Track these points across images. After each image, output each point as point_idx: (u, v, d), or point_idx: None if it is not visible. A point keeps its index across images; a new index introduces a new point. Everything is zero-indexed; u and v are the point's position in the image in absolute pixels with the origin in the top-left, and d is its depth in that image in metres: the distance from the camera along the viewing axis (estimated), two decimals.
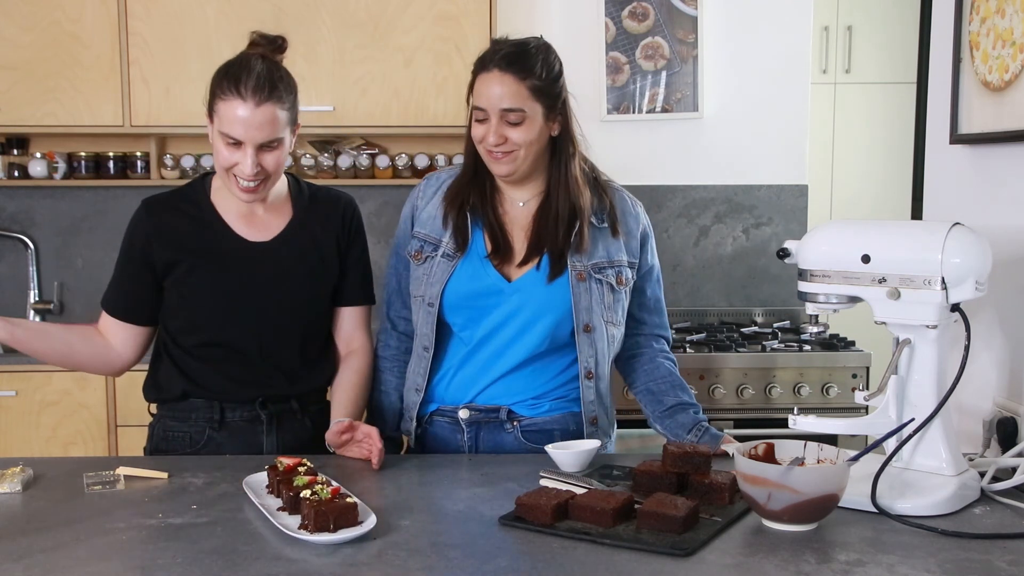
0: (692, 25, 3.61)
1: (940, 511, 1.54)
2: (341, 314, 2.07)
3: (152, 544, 1.44)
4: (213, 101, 1.86)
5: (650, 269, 2.04)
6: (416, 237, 2.00)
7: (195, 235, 1.96)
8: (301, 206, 2.03)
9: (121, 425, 3.15)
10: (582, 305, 1.91)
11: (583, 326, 1.92)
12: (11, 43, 3.32)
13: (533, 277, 1.92)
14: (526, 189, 1.97)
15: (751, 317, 3.73)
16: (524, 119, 1.85)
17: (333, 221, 2.03)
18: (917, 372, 1.63)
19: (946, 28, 2.04)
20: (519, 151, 1.87)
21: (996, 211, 1.91)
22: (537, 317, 1.91)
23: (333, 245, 2.03)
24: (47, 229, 3.73)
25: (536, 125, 1.87)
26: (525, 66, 1.86)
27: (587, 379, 1.94)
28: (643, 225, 2.03)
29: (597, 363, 1.94)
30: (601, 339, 1.94)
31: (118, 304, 2.00)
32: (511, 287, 1.93)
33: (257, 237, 1.98)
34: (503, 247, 1.94)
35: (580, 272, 1.91)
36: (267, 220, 2.00)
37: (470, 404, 1.97)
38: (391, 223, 3.71)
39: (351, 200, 2.09)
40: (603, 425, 1.98)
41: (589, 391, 1.95)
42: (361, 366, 2.04)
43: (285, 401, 2.00)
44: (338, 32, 3.38)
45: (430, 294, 1.95)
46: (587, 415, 1.95)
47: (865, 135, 4.40)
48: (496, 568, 1.34)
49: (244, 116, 1.82)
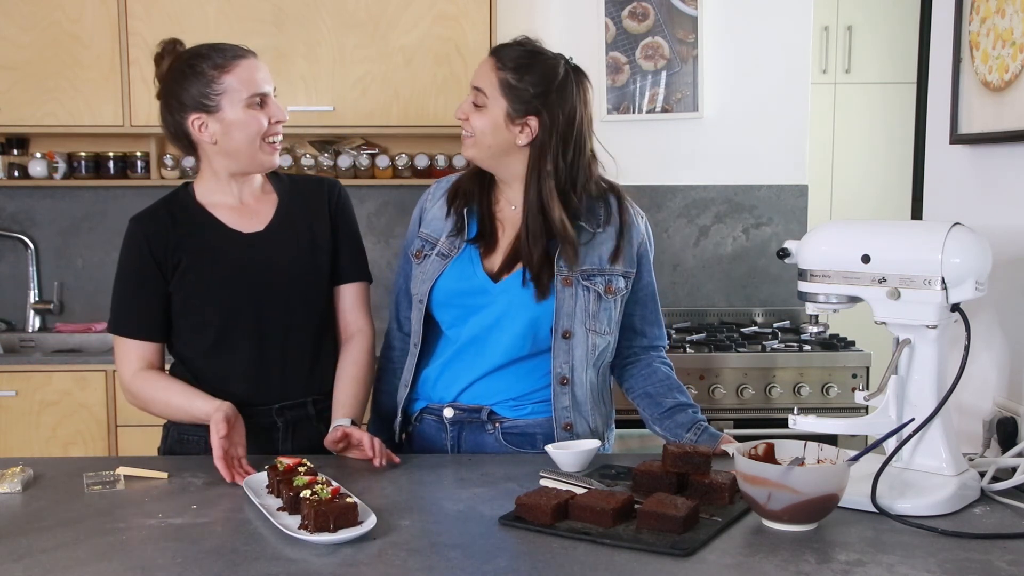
0: (692, 25, 3.61)
1: (940, 511, 1.54)
2: (339, 293, 2.08)
3: (152, 544, 1.44)
4: (212, 85, 1.89)
5: (647, 283, 2.04)
6: (420, 237, 2.03)
7: (191, 235, 1.97)
8: (285, 192, 2.06)
9: (121, 425, 3.15)
10: (564, 310, 1.91)
11: (562, 331, 1.91)
12: (11, 43, 3.32)
13: (517, 279, 1.93)
14: (516, 192, 1.98)
15: (751, 317, 3.73)
16: (485, 104, 1.90)
17: (319, 201, 2.06)
18: (917, 372, 1.63)
19: (946, 28, 2.04)
20: (475, 138, 1.92)
21: (996, 211, 1.91)
22: (518, 319, 1.92)
23: (323, 224, 2.05)
24: (47, 229, 3.73)
25: (494, 118, 1.90)
26: (508, 61, 1.91)
27: (561, 384, 1.93)
28: (643, 236, 2.02)
29: (573, 369, 1.92)
30: (580, 346, 1.92)
31: (131, 323, 1.97)
32: (497, 288, 1.94)
33: (251, 228, 2.00)
34: (488, 236, 1.97)
35: (567, 277, 1.91)
36: (256, 210, 2.02)
37: (454, 403, 1.98)
38: (391, 223, 3.72)
39: (335, 181, 2.13)
40: (581, 432, 1.95)
41: (563, 397, 1.93)
42: (359, 355, 2.04)
43: (302, 407, 2.01)
44: (338, 32, 3.38)
45: (421, 291, 1.98)
46: (559, 420, 1.94)
47: (865, 135, 4.40)
48: (496, 568, 1.34)
49: (257, 68, 1.93)
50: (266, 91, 1.93)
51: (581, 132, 1.92)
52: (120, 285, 2.00)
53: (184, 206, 2.00)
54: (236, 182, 1.99)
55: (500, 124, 1.90)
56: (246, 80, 1.91)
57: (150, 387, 1.95)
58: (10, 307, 3.71)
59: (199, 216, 1.99)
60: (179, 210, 2.00)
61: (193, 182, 2.04)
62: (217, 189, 2.00)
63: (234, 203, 2.00)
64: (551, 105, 1.89)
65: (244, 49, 1.95)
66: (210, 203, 2.00)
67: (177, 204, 2.01)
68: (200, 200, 2.00)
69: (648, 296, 2.04)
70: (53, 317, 3.73)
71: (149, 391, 1.94)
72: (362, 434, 1.84)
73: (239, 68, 1.91)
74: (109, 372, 3.13)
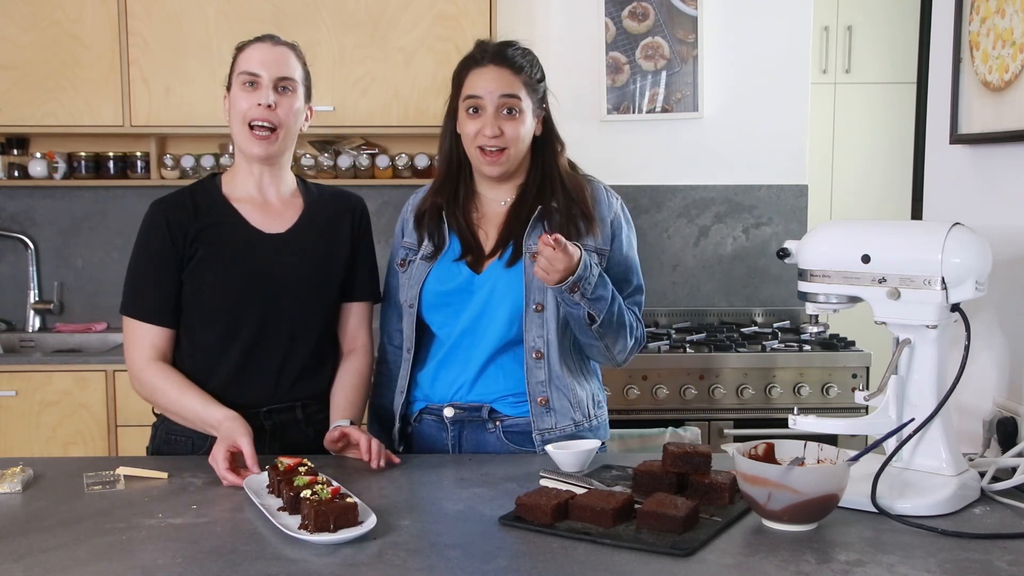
0: (692, 25, 3.61)
1: (940, 511, 1.54)
2: (347, 310, 2.08)
3: (152, 544, 1.44)
4: (232, 64, 1.96)
5: (620, 260, 1.99)
6: (403, 246, 2.05)
7: (211, 228, 1.96)
8: (312, 200, 2.06)
9: (121, 425, 3.15)
10: (534, 284, 1.91)
11: (534, 305, 1.91)
12: (11, 43, 3.32)
13: (496, 266, 1.95)
14: (506, 189, 2.00)
15: (751, 317, 3.73)
16: (520, 110, 1.92)
17: (345, 215, 2.07)
18: (917, 372, 1.63)
19: (946, 28, 2.04)
20: (510, 150, 1.92)
21: (996, 211, 1.91)
22: (500, 303, 1.93)
23: (344, 238, 2.05)
24: (47, 229, 3.73)
25: (528, 120, 1.94)
26: (518, 63, 1.95)
27: (535, 359, 1.92)
28: (615, 213, 2.01)
29: (548, 343, 1.92)
30: (554, 319, 1.91)
31: (144, 306, 1.95)
32: (479, 280, 1.95)
33: (272, 228, 1.99)
34: (474, 248, 1.98)
35: (534, 253, 1.89)
36: (280, 211, 2.02)
37: (454, 402, 1.98)
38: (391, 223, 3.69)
39: (360, 199, 2.13)
40: (559, 408, 1.92)
41: (538, 371, 1.92)
42: (361, 366, 2.05)
43: (290, 411, 2.00)
44: (338, 32, 3.38)
45: (409, 296, 1.99)
46: (534, 395, 1.92)
47: (865, 135, 4.39)
48: (496, 568, 1.34)
49: (263, 52, 1.94)
50: (256, 72, 1.92)
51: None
52: (135, 267, 1.98)
53: (209, 197, 1.99)
54: (259, 175, 1.99)
55: (530, 124, 1.95)
56: (246, 59, 1.94)
57: (162, 381, 1.92)
58: (10, 307, 3.71)
59: (222, 209, 1.98)
60: (203, 200, 1.99)
61: (221, 173, 2.05)
62: (243, 181, 1.99)
63: (259, 200, 2.00)
64: (546, 85, 2.00)
65: (272, 36, 1.97)
66: (235, 197, 2.00)
67: (202, 194, 2.00)
68: (225, 193, 2.00)
69: (622, 273, 1.99)
70: (53, 317, 3.73)
71: (161, 384, 1.92)
72: (360, 434, 1.84)
73: (250, 48, 1.95)
74: (109, 372, 3.13)
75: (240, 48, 1.98)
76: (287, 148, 1.99)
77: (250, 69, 1.92)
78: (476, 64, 1.94)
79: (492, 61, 1.93)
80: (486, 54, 1.95)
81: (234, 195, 2.00)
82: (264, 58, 1.93)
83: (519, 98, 1.91)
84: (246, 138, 1.93)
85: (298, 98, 1.96)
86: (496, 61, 1.93)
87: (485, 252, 1.97)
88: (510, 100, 1.91)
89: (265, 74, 1.92)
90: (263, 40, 1.96)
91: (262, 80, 1.92)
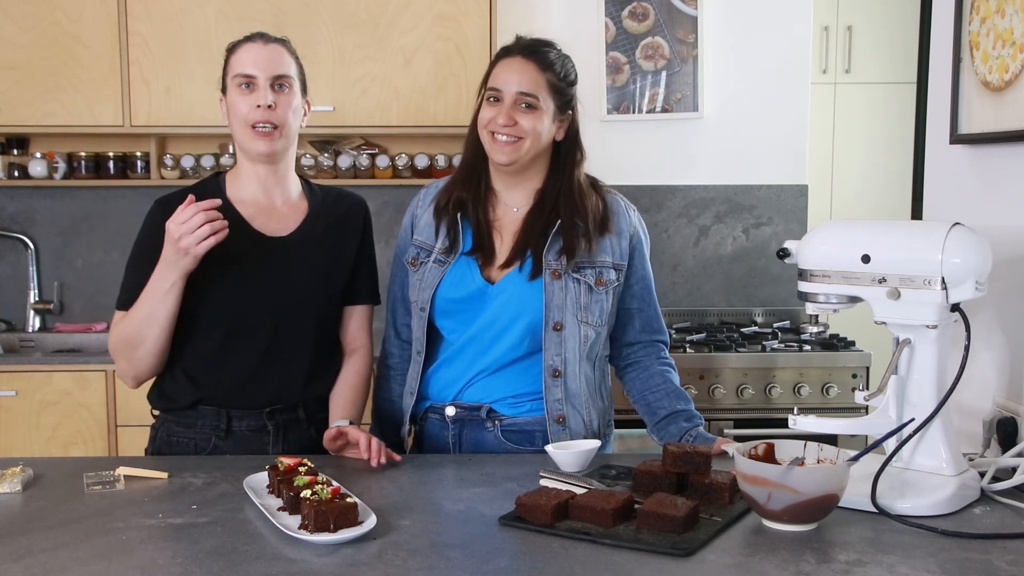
0: (692, 25, 3.61)
1: (940, 511, 1.54)
2: (348, 312, 2.08)
3: (152, 544, 1.44)
4: (225, 67, 1.95)
5: (643, 276, 2.03)
6: (414, 244, 2.03)
7: None
8: (316, 203, 2.05)
9: (121, 425, 3.15)
10: (554, 303, 1.91)
11: (553, 324, 1.91)
12: (11, 43, 3.33)
13: (514, 278, 1.94)
14: (522, 193, 1.99)
15: (751, 317, 3.73)
16: (537, 107, 1.91)
17: (349, 218, 2.07)
18: (917, 372, 1.63)
19: (946, 28, 2.04)
20: (524, 141, 1.91)
21: (996, 211, 1.91)
22: (516, 317, 1.92)
23: (348, 242, 2.05)
24: (47, 229, 3.73)
25: (546, 119, 1.93)
26: (547, 60, 1.94)
27: (553, 377, 1.93)
28: (634, 227, 2.02)
29: (565, 361, 1.93)
30: (572, 338, 1.92)
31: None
32: (494, 289, 1.94)
33: (275, 232, 1.99)
34: (486, 247, 1.97)
35: (555, 270, 1.91)
36: (284, 214, 2.01)
37: (455, 401, 1.98)
38: (391, 223, 3.72)
39: (363, 200, 2.13)
40: (575, 426, 1.95)
41: (555, 389, 1.93)
42: (361, 367, 2.06)
43: (292, 410, 2.00)
44: (338, 32, 3.38)
45: (421, 299, 1.98)
46: (552, 413, 1.93)
47: (865, 135, 4.39)
48: (496, 568, 1.34)
49: (255, 52, 1.92)
50: (251, 73, 1.91)
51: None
52: (133, 263, 1.97)
53: (212, 198, 1.96)
54: (263, 178, 1.98)
55: (549, 124, 1.94)
56: (239, 61, 1.93)
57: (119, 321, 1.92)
58: (10, 307, 3.71)
59: (225, 211, 1.94)
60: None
61: (225, 173, 2.04)
62: (246, 182, 1.99)
63: (264, 203, 1.99)
64: (575, 93, 1.99)
65: (261, 34, 1.96)
66: (238, 199, 1.99)
67: (205, 195, 1.95)
68: (229, 194, 1.99)
69: (644, 289, 2.04)
70: (53, 317, 3.73)
71: (120, 323, 1.91)
72: (359, 433, 1.84)
73: (242, 49, 1.94)
74: (109, 372, 3.13)
75: (231, 49, 1.96)
76: (290, 145, 1.98)
77: (245, 71, 1.92)
78: (507, 54, 1.96)
79: (521, 53, 1.93)
80: (520, 45, 1.96)
81: (237, 196, 1.99)
82: (257, 58, 1.92)
83: (537, 98, 1.90)
84: (249, 137, 1.93)
85: (295, 94, 1.96)
86: (525, 54, 1.93)
87: (497, 258, 1.97)
88: (527, 98, 1.90)
89: (260, 74, 1.91)
90: (253, 39, 1.95)
91: (258, 81, 1.91)
